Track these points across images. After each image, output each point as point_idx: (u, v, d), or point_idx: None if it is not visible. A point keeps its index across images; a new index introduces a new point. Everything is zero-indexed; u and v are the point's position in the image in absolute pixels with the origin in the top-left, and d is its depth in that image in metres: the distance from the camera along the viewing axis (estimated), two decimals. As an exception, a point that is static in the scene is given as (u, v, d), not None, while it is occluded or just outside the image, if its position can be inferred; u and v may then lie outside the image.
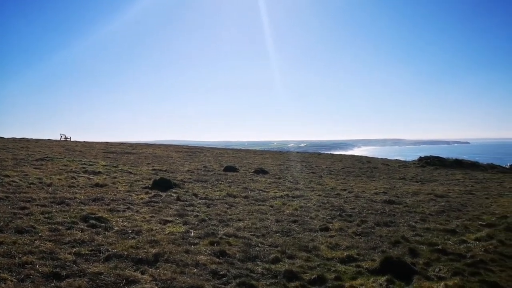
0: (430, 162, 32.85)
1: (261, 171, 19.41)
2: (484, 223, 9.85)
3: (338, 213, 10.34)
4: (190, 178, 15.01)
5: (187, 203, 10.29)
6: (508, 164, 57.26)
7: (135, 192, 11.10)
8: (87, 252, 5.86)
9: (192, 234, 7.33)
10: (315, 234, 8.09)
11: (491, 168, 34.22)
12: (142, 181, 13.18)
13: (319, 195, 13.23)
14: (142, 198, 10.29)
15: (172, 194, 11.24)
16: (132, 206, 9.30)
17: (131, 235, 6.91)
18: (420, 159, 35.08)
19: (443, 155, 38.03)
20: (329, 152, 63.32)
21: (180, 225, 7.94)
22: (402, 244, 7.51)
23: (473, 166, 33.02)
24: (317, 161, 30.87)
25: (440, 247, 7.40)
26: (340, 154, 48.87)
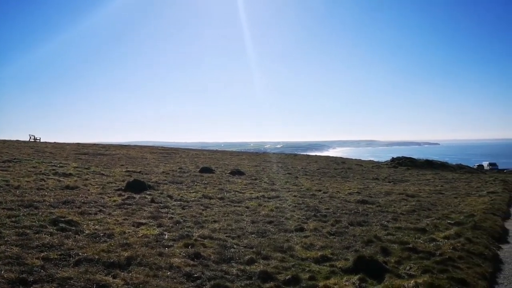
0: (402, 163, 33.79)
1: (237, 172, 19.39)
2: (452, 222, 10.20)
3: (313, 213, 10.46)
4: (165, 180, 14.81)
5: (161, 205, 10.14)
6: (476, 164, 59.56)
7: (108, 194, 10.85)
8: (56, 256, 5.67)
9: (166, 236, 7.23)
10: (290, 235, 8.14)
11: (460, 168, 35.55)
12: (115, 183, 12.89)
13: (295, 196, 13.34)
14: (115, 201, 10.06)
15: (146, 196, 11.05)
16: (104, 209, 9.07)
17: (102, 239, 6.74)
18: (393, 160, 36.06)
19: (414, 156, 39.20)
20: (305, 153, 64.06)
21: (154, 227, 7.81)
22: (375, 243, 7.66)
23: (442, 166, 34.20)
24: (293, 162, 31.13)
25: (411, 245, 7.60)
26: (316, 155, 49.48)
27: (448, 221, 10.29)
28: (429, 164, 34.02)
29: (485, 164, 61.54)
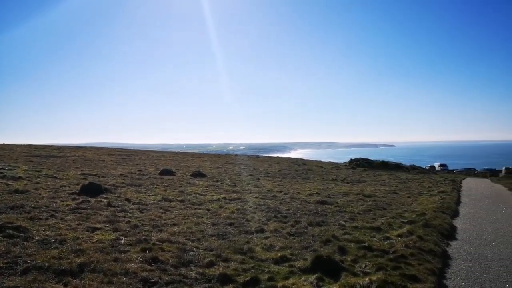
0: (359, 164, 34.94)
1: (198, 174, 19.19)
2: (405, 220, 10.67)
3: (273, 214, 10.55)
4: (123, 183, 14.37)
5: (118, 208, 9.82)
6: (428, 165, 62.68)
7: (61, 199, 10.35)
8: (1, 265, 5.33)
9: (123, 241, 7.00)
10: (250, 236, 8.15)
11: (413, 169, 37.33)
12: (69, 186, 12.33)
13: (256, 197, 13.39)
14: (68, 205, 9.62)
15: (103, 199, 10.66)
16: (56, 214, 8.64)
17: (54, 245, 6.41)
18: (351, 161, 37.21)
19: (371, 157, 40.65)
20: (267, 155, 64.56)
21: (110, 232, 7.54)
22: (333, 243, 7.84)
23: (397, 167, 35.74)
24: (255, 164, 31.28)
25: (366, 244, 7.85)
26: (278, 157, 50.02)
27: (402, 220, 10.74)
28: (385, 165, 35.45)
29: (437, 165, 65.05)
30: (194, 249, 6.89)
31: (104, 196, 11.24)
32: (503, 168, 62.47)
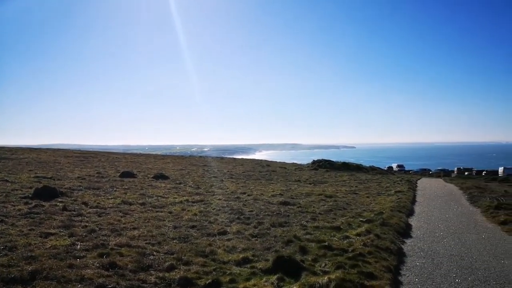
0: (322, 165, 35.70)
1: (161, 176, 18.83)
2: (364, 220, 11.01)
3: (236, 216, 10.54)
4: (80, 186, 13.82)
5: (75, 213, 9.43)
6: (386, 166, 65.09)
7: (12, 203, 9.80)
8: None
9: (79, 246, 6.73)
10: (213, 239, 8.10)
11: (372, 170, 38.63)
12: (21, 190, 11.70)
13: (219, 199, 13.33)
14: (20, 210, 9.12)
15: (58, 203, 10.20)
16: (6, 219, 8.17)
17: (3, 252, 6.06)
18: (313, 162, 37.95)
19: (333, 158, 41.67)
20: (232, 157, 64.44)
21: (65, 237, 7.22)
22: (294, 243, 7.95)
23: (358, 168, 36.85)
24: (220, 165, 31.14)
25: (326, 243, 8.03)
26: (242, 158, 50.07)
27: (361, 219, 11.08)
28: (346, 166, 36.45)
29: (394, 166, 67.85)
30: (155, 253, 6.75)
31: (60, 200, 10.77)
32: (455, 169, 66.29)
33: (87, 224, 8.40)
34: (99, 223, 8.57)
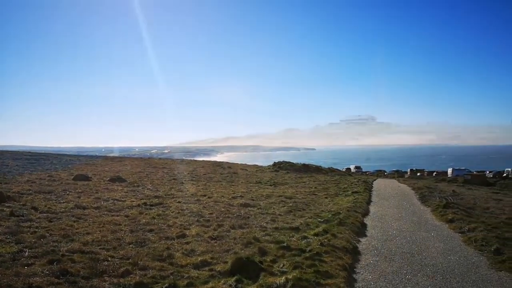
0: (282, 167, 36.16)
1: (117, 179, 18.27)
2: (322, 220, 11.28)
3: (196, 219, 10.44)
4: (29, 190, 13.10)
5: (23, 218, 8.93)
6: (345, 167, 67.04)
7: (-49, 209, 9.12)
8: None
9: (27, 253, 6.38)
10: (171, 242, 7.97)
11: (331, 171, 39.67)
12: (-37, 195, 10.90)
13: (179, 202, 13.14)
14: (-40, 216, 8.50)
15: (4, 208, 9.63)
16: None
17: None
18: (274, 164, 38.37)
19: (294, 160, 42.32)
20: (193, 159, 63.64)
21: (12, 244, 6.82)
22: (254, 244, 8.00)
23: (317, 170, 37.69)
24: (180, 168, 30.67)
25: (285, 244, 8.14)
26: (203, 160, 49.63)
27: (319, 220, 11.34)
28: (306, 168, 37.15)
29: (352, 167, 69.99)
30: (109, 259, 6.54)
31: (7, 204, 10.17)
32: (408, 170, 69.57)
33: (36, 230, 7.99)
34: (49, 229, 8.17)
